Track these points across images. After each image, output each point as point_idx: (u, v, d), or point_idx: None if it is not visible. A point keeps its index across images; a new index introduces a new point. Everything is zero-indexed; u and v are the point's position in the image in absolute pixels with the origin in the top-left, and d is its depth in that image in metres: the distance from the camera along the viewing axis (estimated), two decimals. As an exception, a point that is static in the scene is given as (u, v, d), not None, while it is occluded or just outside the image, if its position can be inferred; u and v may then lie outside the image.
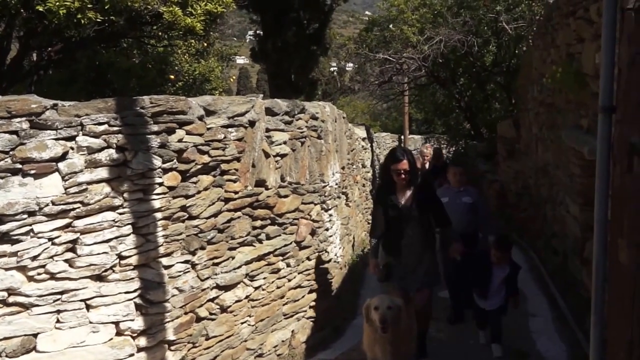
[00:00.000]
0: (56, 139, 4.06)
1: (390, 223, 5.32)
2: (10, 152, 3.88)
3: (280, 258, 6.11)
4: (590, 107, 5.68)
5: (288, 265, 6.24)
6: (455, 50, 15.43)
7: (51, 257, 4.10)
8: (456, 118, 21.53)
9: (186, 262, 4.90)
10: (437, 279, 5.55)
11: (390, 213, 5.28)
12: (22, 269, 4.00)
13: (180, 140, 4.70)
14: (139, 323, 4.51)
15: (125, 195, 4.39)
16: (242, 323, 5.60)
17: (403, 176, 5.13)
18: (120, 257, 4.41)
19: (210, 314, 5.21)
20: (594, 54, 5.38)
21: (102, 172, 4.27)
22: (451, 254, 5.63)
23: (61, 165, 4.08)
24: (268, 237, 5.93)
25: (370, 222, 6.51)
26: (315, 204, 6.78)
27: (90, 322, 4.30)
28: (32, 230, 3.98)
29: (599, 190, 2.35)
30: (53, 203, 4.04)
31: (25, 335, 4.03)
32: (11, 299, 4.00)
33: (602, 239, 2.34)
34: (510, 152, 12.85)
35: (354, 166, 11.39)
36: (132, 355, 4.45)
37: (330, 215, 7.26)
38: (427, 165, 11.15)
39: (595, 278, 2.39)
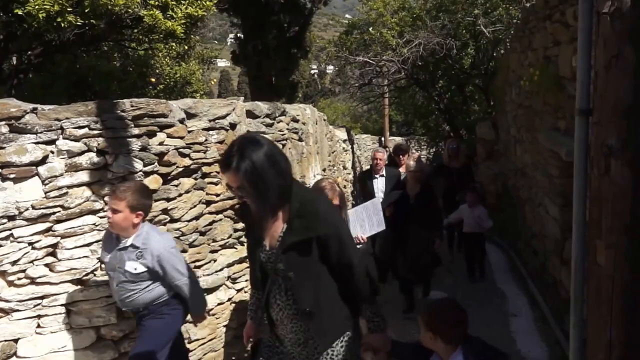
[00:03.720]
0: (36, 143, 4.02)
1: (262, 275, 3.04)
2: (-10, 157, 3.84)
3: (263, 261, 6.09)
4: (567, 109, 5.75)
5: (270, 267, 6.21)
6: (434, 53, 15.51)
7: (31, 261, 4.06)
8: (435, 120, 21.67)
9: (168, 265, 4.86)
10: None
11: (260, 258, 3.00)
12: (2, 273, 3.96)
13: (161, 144, 4.68)
14: (120, 327, 4.48)
15: (106, 198, 4.35)
16: (224, 326, 5.59)
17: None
18: (101, 261, 4.38)
19: (193, 317, 5.18)
20: (570, 57, 5.45)
21: (83, 176, 4.24)
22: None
23: (41, 169, 4.04)
24: (250, 240, 5.90)
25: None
26: (297, 207, 6.75)
27: (72, 327, 4.27)
28: (12, 234, 3.94)
29: (577, 192, 2.39)
30: (33, 207, 4.00)
31: (5, 340, 3.99)
32: (-9, 305, 3.96)
33: (581, 240, 2.38)
34: (489, 153, 12.97)
35: (335, 168, 11.43)
36: (114, 359, 4.43)
37: (312, 217, 7.23)
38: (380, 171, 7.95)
39: (575, 279, 2.43)
